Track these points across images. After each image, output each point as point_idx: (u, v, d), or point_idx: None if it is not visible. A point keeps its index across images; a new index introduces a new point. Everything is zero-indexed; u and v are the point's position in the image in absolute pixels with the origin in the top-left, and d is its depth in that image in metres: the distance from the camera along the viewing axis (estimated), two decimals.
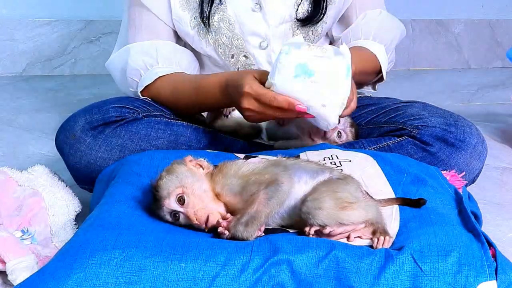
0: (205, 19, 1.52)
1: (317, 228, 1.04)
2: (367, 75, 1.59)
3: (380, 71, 1.61)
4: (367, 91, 1.70)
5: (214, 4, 1.52)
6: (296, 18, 1.56)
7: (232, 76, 1.35)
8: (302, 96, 1.23)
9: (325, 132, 1.47)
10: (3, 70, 2.83)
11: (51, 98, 2.52)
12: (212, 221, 1.06)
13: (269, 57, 1.56)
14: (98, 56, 2.86)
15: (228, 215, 1.08)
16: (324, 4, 1.56)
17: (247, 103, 1.27)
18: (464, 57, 3.18)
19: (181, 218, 1.07)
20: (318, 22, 1.57)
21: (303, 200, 1.06)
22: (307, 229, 1.05)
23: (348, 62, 1.24)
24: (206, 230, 1.07)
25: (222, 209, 1.08)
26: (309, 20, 1.56)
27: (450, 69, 3.15)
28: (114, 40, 1.68)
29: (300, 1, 1.55)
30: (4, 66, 2.83)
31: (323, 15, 1.57)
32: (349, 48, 1.55)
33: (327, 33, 1.67)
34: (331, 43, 1.69)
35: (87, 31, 2.86)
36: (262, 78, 1.28)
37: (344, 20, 1.65)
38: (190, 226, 1.08)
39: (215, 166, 1.14)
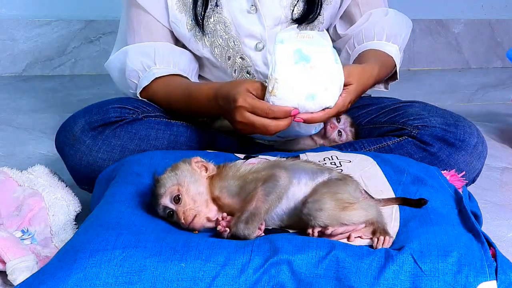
0: (199, 21, 1.52)
1: (320, 229, 1.04)
2: (384, 77, 1.57)
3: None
4: (378, 90, 1.67)
5: (210, 7, 1.51)
6: (291, 19, 1.55)
7: (223, 88, 1.33)
8: (306, 84, 1.22)
9: (325, 132, 1.47)
10: (3, 70, 2.83)
11: (51, 98, 2.52)
12: (196, 223, 1.06)
13: (265, 59, 1.55)
14: (98, 56, 2.86)
15: (223, 216, 1.08)
16: (319, 3, 1.55)
17: (241, 117, 1.26)
18: (464, 57, 3.18)
19: (174, 216, 1.08)
20: (313, 22, 1.56)
21: (304, 202, 1.06)
22: (310, 231, 1.05)
23: (331, 44, 1.27)
24: (195, 231, 1.07)
25: (212, 214, 1.08)
26: (304, 19, 1.55)
27: (450, 69, 3.15)
28: (114, 40, 1.67)
29: (295, 2, 1.54)
30: (4, 66, 2.83)
31: (318, 14, 1.56)
32: (365, 51, 1.54)
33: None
34: (333, 41, 1.68)
35: (87, 31, 2.86)
36: (254, 89, 1.26)
37: (347, 18, 1.63)
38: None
39: (218, 167, 1.14)
